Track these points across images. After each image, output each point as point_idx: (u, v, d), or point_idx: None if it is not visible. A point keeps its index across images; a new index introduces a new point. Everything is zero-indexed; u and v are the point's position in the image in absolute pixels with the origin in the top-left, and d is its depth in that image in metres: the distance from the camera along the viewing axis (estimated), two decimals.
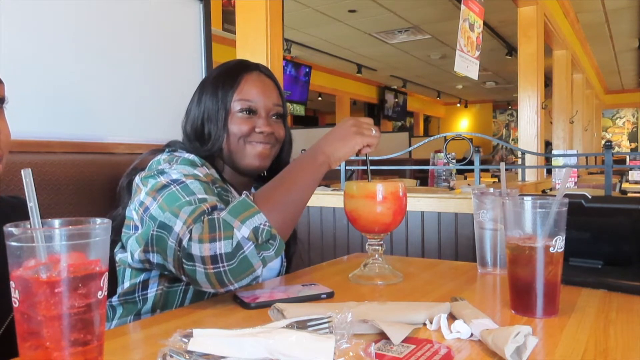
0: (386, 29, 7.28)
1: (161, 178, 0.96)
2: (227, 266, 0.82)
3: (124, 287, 1.04)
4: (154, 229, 0.90)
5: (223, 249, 0.81)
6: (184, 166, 0.99)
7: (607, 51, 8.58)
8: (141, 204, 0.95)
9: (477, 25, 3.60)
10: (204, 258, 0.81)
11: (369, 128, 1.01)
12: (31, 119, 1.19)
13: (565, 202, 0.77)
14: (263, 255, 0.85)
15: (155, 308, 1.01)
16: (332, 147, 0.98)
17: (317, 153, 0.98)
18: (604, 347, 0.65)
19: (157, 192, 0.93)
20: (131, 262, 1.00)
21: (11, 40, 1.15)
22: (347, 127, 1.00)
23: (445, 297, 0.84)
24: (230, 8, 4.87)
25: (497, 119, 15.22)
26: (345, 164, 2.86)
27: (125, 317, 1.02)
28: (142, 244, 0.95)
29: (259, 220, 0.84)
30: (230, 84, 1.11)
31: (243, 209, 0.85)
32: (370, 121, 1.03)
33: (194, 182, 0.94)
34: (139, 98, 1.45)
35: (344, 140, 0.99)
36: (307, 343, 0.56)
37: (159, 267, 0.95)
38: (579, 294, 0.88)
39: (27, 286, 0.48)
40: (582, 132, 7.98)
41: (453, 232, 2.40)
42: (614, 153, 2.32)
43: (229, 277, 0.82)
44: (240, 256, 0.82)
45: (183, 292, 1.01)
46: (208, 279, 0.82)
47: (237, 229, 0.83)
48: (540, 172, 4.49)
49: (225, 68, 1.16)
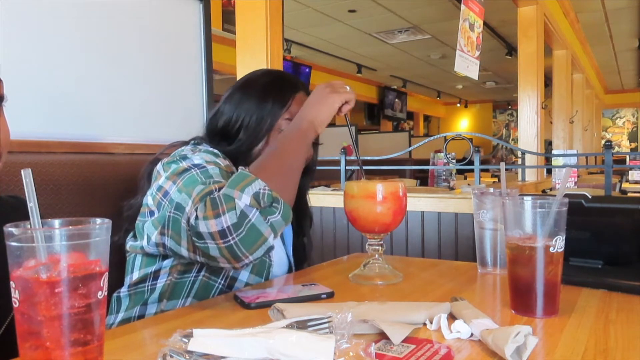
0: (386, 29, 7.28)
1: (183, 163, 0.98)
2: (237, 237, 0.82)
3: (133, 278, 1.04)
4: (171, 210, 0.92)
5: (229, 221, 0.82)
6: (207, 154, 1.02)
7: (607, 51, 8.57)
8: (160, 188, 0.97)
9: (477, 25, 3.60)
10: (213, 234, 0.82)
11: (342, 85, 1.04)
12: (31, 119, 1.19)
13: (565, 202, 0.77)
14: (270, 221, 0.85)
15: (162, 298, 1.01)
16: (313, 111, 1.01)
17: (300, 121, 1.01)
18: (604, 347, 0.65)
19: (177, 176, 0.95)
20: (146, 245, 1.01)
21: (11, 40, 1.15)
22: (321, 90, 1.04)
23: (445, 297, 0.84)
24: (230, 8, 4.87)
25: (497, 119, 15.22)
26: (345, 164, 2.86)
27: (131, 309, 1.02)
28: (158, 227, 0.96)
29: (257, 186, 0.86)
30: (281, 102, 1.13)
31: (240, 180, 0.87)
32: (341, 82, 1.06)
33: (214, 168, 0.96)
34: (139, 98, 1.45)
35: (322, 102, 1.02)
36: (307, 343, 0.56)
37: (171, 253, 0.95)
38: (579, 294, 0.88)
39: (27, 286, 0.48)
40: (582, 132, 7.98)
41: (453, 232, 2.40)
42: (614, 153, 2.32)
43: (241, 249, 0.83)
44: (247, 225, 0.83)
45: (191, 283, 1.01)
46: (222, 254, 0.83)
47: (238, 199, 0.83)
48: (540, 172, 4.49)
49: (275, 81, 1.17)
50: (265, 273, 1.07)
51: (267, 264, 1.07)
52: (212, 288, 1.01)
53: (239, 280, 1.03)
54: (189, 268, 1.01)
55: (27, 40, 1.18)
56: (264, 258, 1.06)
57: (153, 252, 1.02)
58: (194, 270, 1.01)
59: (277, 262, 1.12)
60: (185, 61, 1.60)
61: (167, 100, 1.53)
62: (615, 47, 8.37)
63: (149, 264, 1.03)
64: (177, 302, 1.00)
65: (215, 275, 1.02)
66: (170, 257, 1.02)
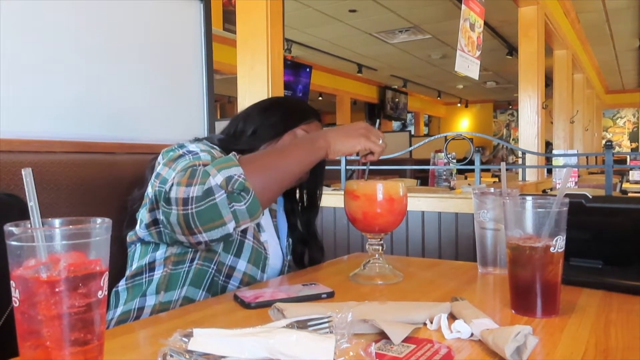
0: (387, 29, 7.28)
1: (179, 150, 1.01)
2: (195, 208, 0.84)
3: (131, 270, 1.05)
4: (157, 184, 0.96)
5: (195, 193, 0.85)
6: (204, 145, 1.04)
7: (607, 51, 8.57)
8: (157, 175, 0.99)
9: (477, 25, 3.60)
10: (177, 200, 0.85)
11: (377, 136, 1.05)
12: (32, 119, 1.19)
13: (566, 202, 0.77)
14: (234, 208, 0.87)
15: (160, 290, 1.02)
16: (335, 137, 1.01)
17: (318, 137, 1.02)
18: (605, 347, 0.65)
19: (173, 162, 0.98)
20: (138, 229, 1.03)
21: (11, 40, 1.15)
22: (356, 127, 1.05)
23: (446, 296, 0.84)
24: (231, 8, 4.86)
25: (497, 118, 15.21)
26: (345, 163, 2.86)
27: (130, 301, 1.03)
28: (148, 204, 1.00)
29: (234, 172, 0.87)
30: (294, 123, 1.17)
31: (223, 162, 0.90)
32: (380, 133, 1.06)
33: (207, 155, 0.99)
34: (140, 98, 1.45)
35: (349, 137, 1.02)
36: (307, 343, 0.56)
37: (163, 226, 0.96)
38: (579, 294, 0.88)
39: (27, 286, 0.48)
40: (582, 132, 7.98)
41: (453, 232, 2.40)
42: (614, 153, 2.32)
43: (196, 221, 0.85)
44: (209, 201, 0.85)
45: (186, 273, 1.02)
46: (178, 221, 0.86)
47: (212, 177, 0.86)
48: (540, 172, 4.49)
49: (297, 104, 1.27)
50: (261, 265, 1.08)
51: (263, 255, 1.09)
52: (205, 274, 1.02)
53: (237, 270, 1.05)
54: (183, 259, 1.02)
55: (27, 40, 1.18)
56: (260, 249, 1.08)
57: (145, 237, 1.03)
58: (187, 261, 1.02)
59: (273, 254, 1.13)
60: (185, 61, 1.60)
61: (167, 100, 1.53)
62: (616, 47, 8.36)
63: (143, 255, 1.05)
64: (174, 293, 1.01)
65: (207, 261, 1.03)
66: (162, 248, 1.03)
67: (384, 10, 6.31)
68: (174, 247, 1.02)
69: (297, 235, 1.25)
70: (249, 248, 1.06)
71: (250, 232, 1.07)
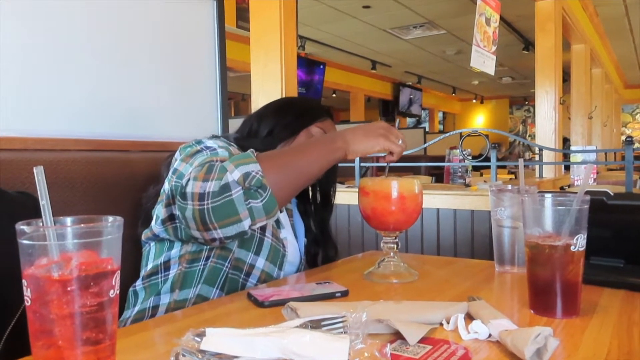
0: (401, 25, 7.23)
1: (197, 146, 1.01)
2: (211, 204, 0.84)
3: (147, 269, 1.06)
4: (174, 179, 0.95)
5: (212, 188, 0.84)
6: (222, 142, 1.04)
7: (627, 45, 8.40)
8: (174, 171, 0.98)
9: (493, 20, 3.55)
10: (194, 194, 0.84)
11: (397, 136, 1.03)
12: (46, 118, 1.19)
13: (587, 199, 0.75)
14: (250, 204, 0.85)
15: (174, 288, 1.02)
16: (354, 137, 1.00)
17: (337, 137, 1.00)
18: (628, 349, 0.63)
19: (190, 157, 0.97)
20: (154, 225, 1.03)
21: (24, 39, 1.16)
22: (376, 127, 1.03)
23: (462, 296, 0.82)
24: (244, 5, 4.87)
25: (513, 115, 15.04)
26: (360, 161, 2.84)
27: (146, 300, 1.03)
28: (165, 199, 1.00)
29: (252, 168, 0.87)
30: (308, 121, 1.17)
31: (241, 157, 0.89)
32: (400, 134, 1.05)
33: (224, 151, 0.98)
34: (153, 96, 1.45)
35: (368, 137, 1.01)
36: (321, 343, 0.55)
37: (179, 221, 0.95)
38: (600, 294, 0.86)
39: (39, 284, 0.48)
40: (601, 127, 7.85)
41: (469, 230, 2.37)
42: (634, 149, 2.27)
43: (212, 216, 0.84)
44: (226, 197, 0.84)
45: (200, 271, 1.02)
46: (193, 216, 0.85)
47: (229, 172, 0.85)
48: (558, 169, 4.43)
49: (310, 102, 1.28)
50: (279, 262, 1.08)
51: (282, 253, 1.09)
52: (219, 272, 1.02)
53: (256, 267, 1.04)
54: (198, 257, 1.02)
55: (40, 41, 1.19)
56: (278, 247, 1.08)
57: (160, 233, 1.03)
58: (202, 259, 1.02)
59: (291, 251, 1.13)
60: (199, 59, 1.60)
61: (181, 98, 1.53)
62: (636, 41, 8.20)
63: (158, 254, 1.05)
64: (189, 291, 1.01)
65: (222, 259, 1.03)
66: (177, 247, 1.03)
67: (398, 6, 6.27)
68: (189, 245, 1.02)
69: (311, 236, 1.25)
70: (268, 245, 1.06)
71: (269, 229, 1.07)
